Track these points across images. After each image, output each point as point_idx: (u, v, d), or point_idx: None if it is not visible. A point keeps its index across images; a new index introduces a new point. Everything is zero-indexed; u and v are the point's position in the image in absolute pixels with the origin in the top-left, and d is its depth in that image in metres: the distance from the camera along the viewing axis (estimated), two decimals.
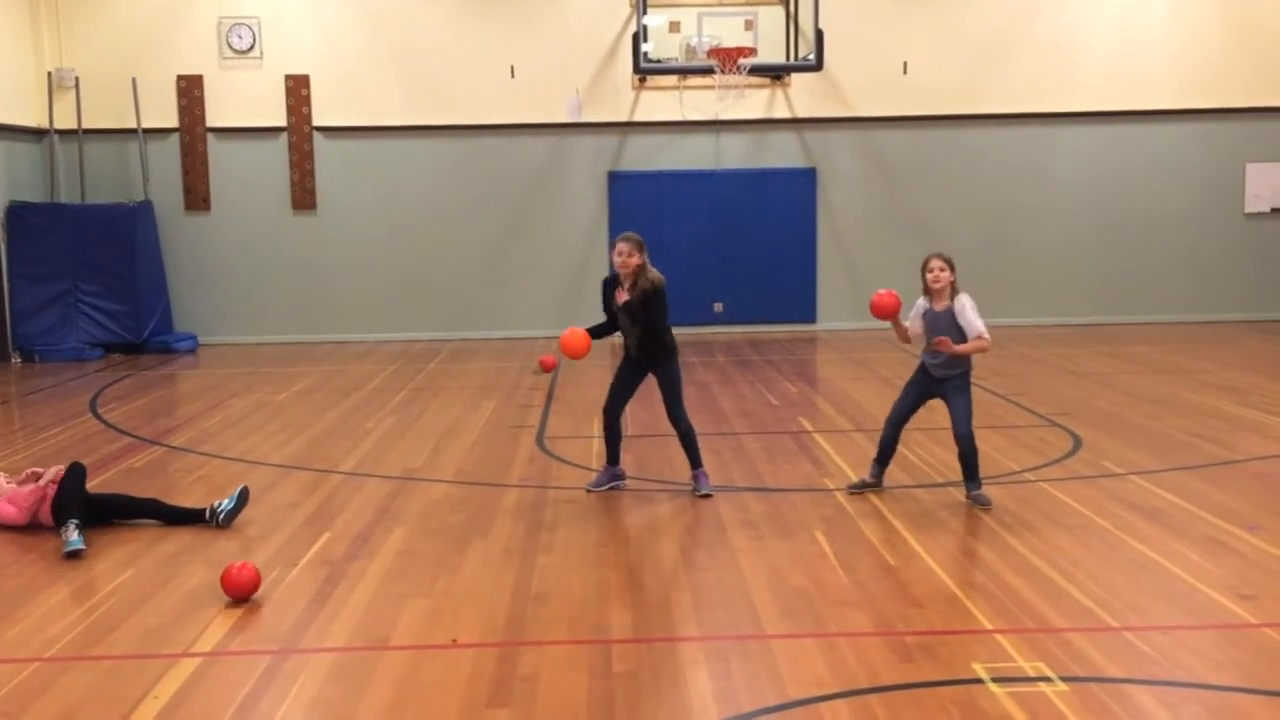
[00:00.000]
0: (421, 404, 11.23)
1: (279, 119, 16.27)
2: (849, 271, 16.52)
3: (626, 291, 7.29)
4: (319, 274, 16.48)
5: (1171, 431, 9.17)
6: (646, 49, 15.32)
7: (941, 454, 8.21)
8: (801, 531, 6.61)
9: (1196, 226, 16.78)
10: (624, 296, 7.29)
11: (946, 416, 7.06)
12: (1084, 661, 4.68)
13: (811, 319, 16.76)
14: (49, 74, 15.93)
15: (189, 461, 8.86)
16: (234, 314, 16.45)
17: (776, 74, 16.04)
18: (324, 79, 16.21)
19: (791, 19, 15.73)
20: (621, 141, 16.52)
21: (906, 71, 16.31)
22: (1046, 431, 9.27)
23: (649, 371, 7.48)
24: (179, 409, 11.67)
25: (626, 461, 7.88)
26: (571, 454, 8.73)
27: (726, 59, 14.58)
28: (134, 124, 15.97)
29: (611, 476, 7.62)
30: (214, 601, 5.58)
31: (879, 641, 4.95)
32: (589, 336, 7.21)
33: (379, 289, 16.51)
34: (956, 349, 6.83)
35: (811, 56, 15.34)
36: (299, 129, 16.28)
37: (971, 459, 7.00)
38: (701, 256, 16.42)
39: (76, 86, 15.92)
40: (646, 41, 15.31)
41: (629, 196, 16.44)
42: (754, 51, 14.79)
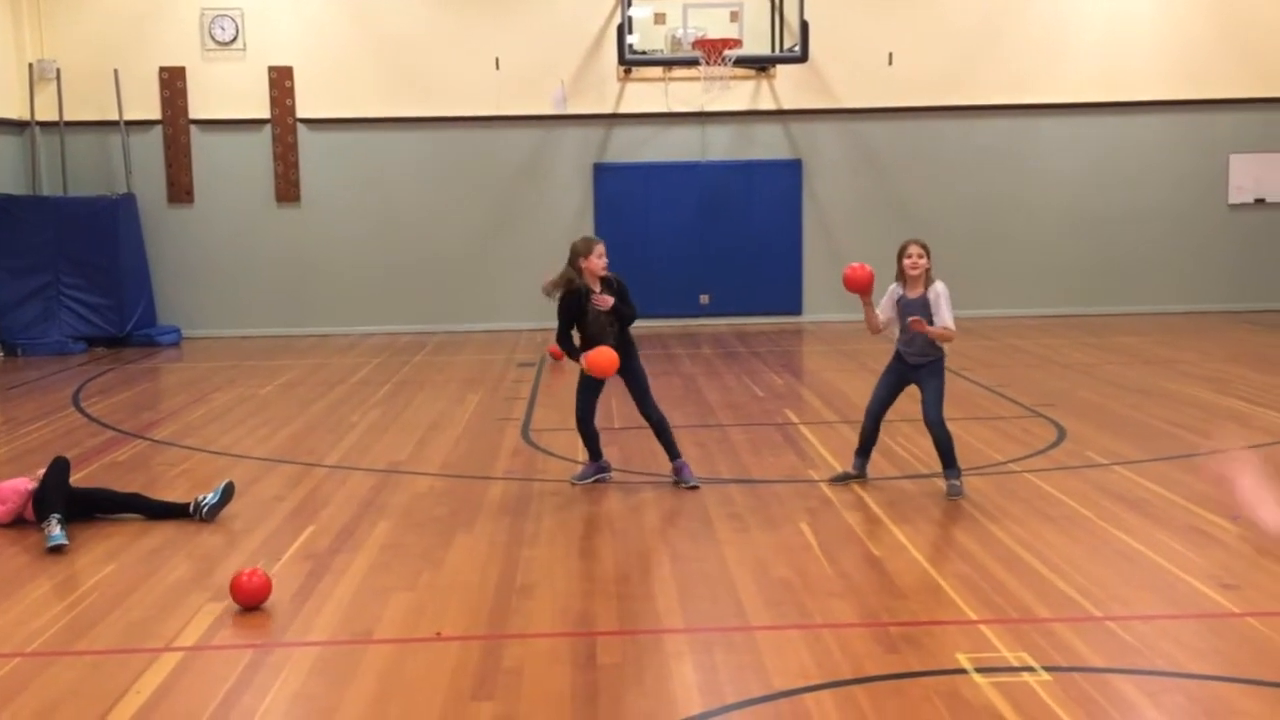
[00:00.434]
0: (406, 397, 11.21)
1: (262, 111, 16.19)
2: (835, 263, 16.38)
3: (602, 293, 7.31)
4: (303, 267, 16.42)
5: (1155, 421, 9.21)
6: (632, 40, 15.30)
7: (926, 445, 8.16)
8: (786, 523, 6.62)
9: (1180, 217, 16.84)
10: (608, 298, 7.30)
11: None
12: (1067, 651, 4.69)
13: (797, 310, 16.78)
14: (30, 65, 15.82)
15: (173, 455, 8.82)
16: (218, 307, 16.38)
17: (762, 65, 16.03)
18: (308, 71, 16.14)
19: (776, 10, 15.72)
20: (607, 133, 16.49)
21: (892, 63, 16.32)
22: (1031, 422, 9.29)
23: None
24: (163, 402, 11.62)
25: (611, 454, 7.88)
26: (557, 447, 8.72)
27: (712, 50, 14.55)
28: (116, 116, 15.89)
29: (597, 469, 7.61)
30: (197, 596, 5.57)
31: (863, 632, 4.96)
32: (615, 353, 7.15)
33: (364, 281, 16.46)
34: (930, 330, 6.88)
35: (797, 48, 15.33)
36: (283, 121, 16.21)
37: (946, 445, 7.03)
38: (687, 248, 16.42)
39: (58, 78, 15.82)
40: (632, 33, 15.28)
41: (614, 188, 16.42)
42: (739, 43, 14.75)
